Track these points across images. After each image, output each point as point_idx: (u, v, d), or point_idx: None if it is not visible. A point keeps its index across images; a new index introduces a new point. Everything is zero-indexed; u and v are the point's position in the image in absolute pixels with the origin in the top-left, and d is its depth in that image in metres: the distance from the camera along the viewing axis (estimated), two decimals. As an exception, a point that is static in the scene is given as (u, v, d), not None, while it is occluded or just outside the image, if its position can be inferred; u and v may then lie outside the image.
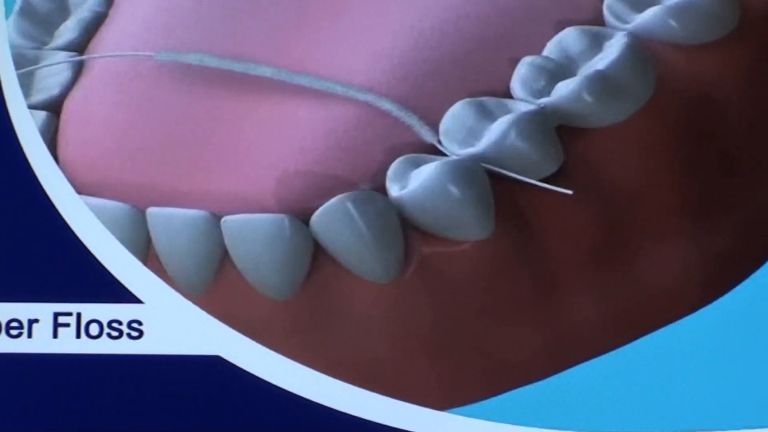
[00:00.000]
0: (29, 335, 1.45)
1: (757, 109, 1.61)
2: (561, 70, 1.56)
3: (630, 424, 1.42)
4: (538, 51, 1.57)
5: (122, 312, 1.45)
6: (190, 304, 1.45)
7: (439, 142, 1.53)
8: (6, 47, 1.47)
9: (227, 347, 1.42)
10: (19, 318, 1.46)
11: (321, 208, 1.44)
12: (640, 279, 1.45)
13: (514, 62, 1.57)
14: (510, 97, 1.55)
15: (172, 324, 1.46)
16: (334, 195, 1.46)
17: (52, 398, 1.45)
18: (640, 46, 1.58)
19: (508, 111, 1.54)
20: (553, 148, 1.53)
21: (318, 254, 1.48)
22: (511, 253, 1.46)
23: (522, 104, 1.53)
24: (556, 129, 1.52)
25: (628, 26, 1.55)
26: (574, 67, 1.57)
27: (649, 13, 1.58)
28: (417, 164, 1.49)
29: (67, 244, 1.47)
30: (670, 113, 1.56)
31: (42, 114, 1.59)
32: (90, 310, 1.46)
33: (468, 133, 1.53)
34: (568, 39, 1.58)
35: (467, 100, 1.54)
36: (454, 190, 1.45)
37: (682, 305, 1.49)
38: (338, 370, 1.50)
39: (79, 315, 1.46)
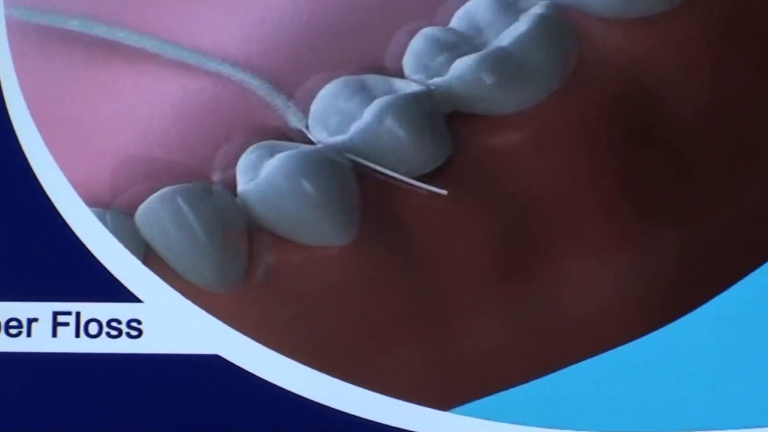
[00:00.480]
0: (28, 334, 1.43)
1: (708, 96, 1.39)
2: (467, 44, 1.37)
3: (627, 423, 1.28)
4: (444, 22, 1.40)
5: (121, 311, 1.43)
6: (189, 303, 1.42)
7: (307, 127, 1.32)
8: (5, 44, 1.39)
9: (226, 346, 1.39)
10: (19, 317, 1.44)
11: (145, 202, 1.24)
12: (557, 300, 1.18)
13: (413, 34, 1.35)
14: (402, 75, 1.36)
15: (171, 323, 1.44)
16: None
17: (51, 397, 1.44)
18: (557, 19, 1.30)
19: (392, 92, 1.31)
20: (438, 139, 1.28)
21: (149, 255, 1.34)
22: (380, 263, 1.22)
23: (412, 84, 1.32)
24: (449, 115, 1.31)
25: None
26: (483, 41, 1.35)
27: None
28: (272, 153, 1.27)
29: (66, 243, 1.45)
30: (594, 99, 1.31)
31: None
32: (89, 309, 1.44)
33: (342, 117, 1.32)
34: (479, 7, 1.32)
35: (345, 78, 1.32)
36: (306, 185, 1.24)
37: (616, 332, 1.22)
38: None
39: (78, 314, 1.44)
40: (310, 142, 1.28)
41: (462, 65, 1.30)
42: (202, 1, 1.37)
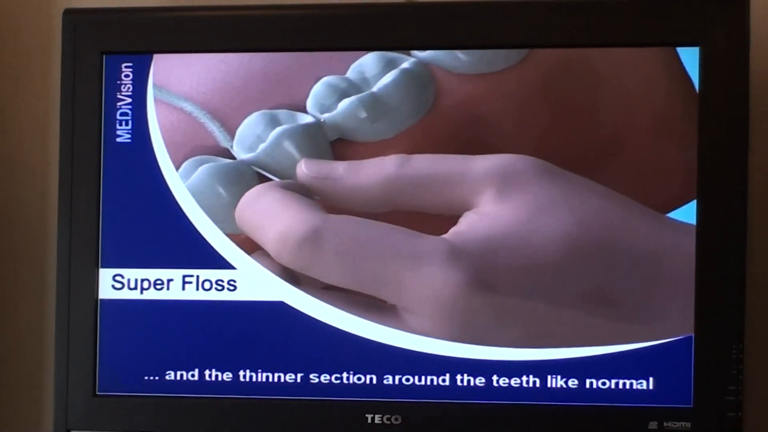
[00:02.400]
0: (168, 288, 2.24)
1: (527, 128, 2.16)
2: (354, 89, 2.11)
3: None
4: (344, 72, 2.16)
5: (224, 274, 2.23)
6: (263, 268, 2.23)
7: (231, 147, 2.19)
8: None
9: (288, 296, 2.19)
10: (162, 278, 2.25)
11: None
12: None
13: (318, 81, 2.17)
14: (305, 111, 2.15)
15: (253, 281, 2.22)
16: None
17: (181, 326, 2.25)
18: (418, 72, 2.11)
19: (293, 122, 2.15)
20: (322, 158, 2.15)
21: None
22: None
23: (308, 117, 2.12)
24: (336, 141, 2.13)
25: (422, 54, 2.11)
26: (367, 87, 2.11)
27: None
28: (203, 164, 2.21)
29: (192, 238, 2.26)
30: (446, 130, 2.09)
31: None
32: (204, 274, 2.24)
33: (257, 139, 2.18)
34: (368, 62, 2.11)
35: (262, 111, 2.15)
36: (222, 191, 2.20)
37: None
38: None
39: (198, 276, 2.25)
40: (233, 157, 2.17)
41: (345, 104, 2.11)
42: (186, 59, 2.30)
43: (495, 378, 2.28)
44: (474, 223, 2.33)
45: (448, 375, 2.29)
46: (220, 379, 2.32)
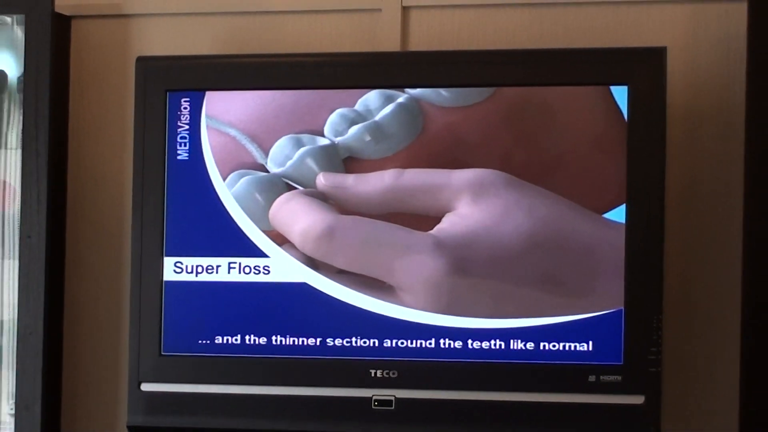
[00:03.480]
0: (216, 272, 2.48)
1: (494, 149, 2.42)
2: (361, 118, 2.46)
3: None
4: (353, 105, 2.49)
5: (259, 261, 2.46)
6: (290, 256, 2.46)
7: (266, 163, 2.49)
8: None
9: (309, 278, 2.43)
10: (212, 264, 2.49)
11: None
12: None
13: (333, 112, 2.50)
14: (323, 135, 2.48)
15: (282, 267, 2.45)
16: None
17: (228, 301, 2.49)
18: (410, 106, 2.46)
19: (315, 144, 2.49)
20: (336, 172, 2.47)
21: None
22: None
23: (325, 140, 2.47)
24: (347, 158, 2.45)
25: (413, 92, 2.44)
26: (371, 116, 2.47)
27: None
28: (244, 176, 2.49)
29: (235, 233, 2.48)
30: (430, 150, 2.43)
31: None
32: (245, 261, 2.47)
33: (285, 157, 2.48)
34: (371, 97, 2.47)
35: (290, 135, 2.48)
36: (259, 197, 2.46)
37: None
38: None
39: (240, 263, 2.48)
40: (267, 171, 2.45)
41: (354, 130, 2.45)
42: (232, 95, 2.54)
43: (470, 342, 2.50)
44: (454, 222, 2.54)
45: (433, 339, 2.51)
46: (256, 342, 2.55)
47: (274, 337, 2.60)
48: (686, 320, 2.63)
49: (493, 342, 2.56)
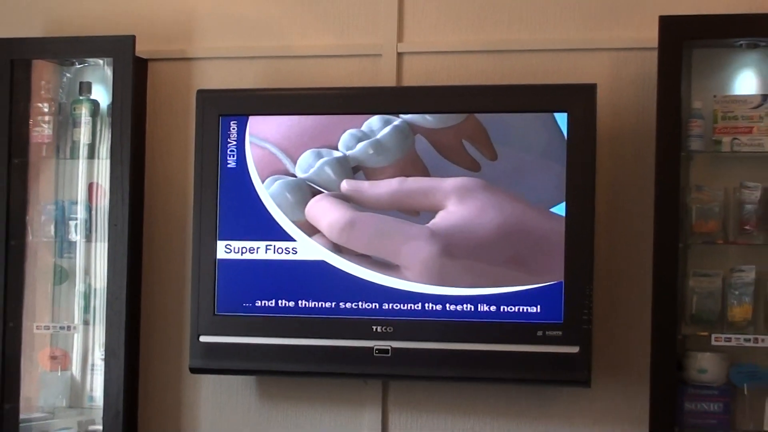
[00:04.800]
0: (256, 252, 2.71)
1: (469, 160, 2.65)
2: (366, 137, 2.71)
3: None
4: (360, 126, 2.72)
5: (289, 244, 2.69)
6: (311, 240, 2.67)
7: (294, 170, 2.74)
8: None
9: (326, 257, 2.66)
10: (253, 246, 2.72)
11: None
12: None
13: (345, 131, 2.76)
14: (337, 149, 2.72)
15: (306, 248, 2.67)
16: None
17: (264, 275, 2.71)
18: (404, 127, 2.70)
19: (331, 156, 2.73)
20: (349, 177, 2.72)
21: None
22: None
23: (338, 153, 2.71)
24: (356, 166, 2.69)
25: (405, 117, 2.69)
26: (373, 135, 2.72)
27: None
28: (278, 180, 2.73)
29: (271, 223, 2.70)
30: (418, 161, 2.68)
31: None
32: (278, 244, 2.70)
33: (309, 166, 2.71)
34: (374, 121, 2.72)
35: (312, 149, 2.73)
36: (289, 196, 2.69)
37: None
38: None
39: (274, 245, 2.70)
40: (294, 176, 2.68)
41: (360, 146, 2.70)
42: (269, 119, 2.77)
43: (448, 305, 2.72)
44: (444, 217, 2.79)
45: (420, 303, 2.73)
46: (286, 305, 2.78)
47: (299, 302, 2.83)
48: (610, 289, 2.80)
49: (466, 306, 2.76)
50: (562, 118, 2.69)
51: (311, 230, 2.79)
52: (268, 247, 2.80)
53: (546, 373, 2.69)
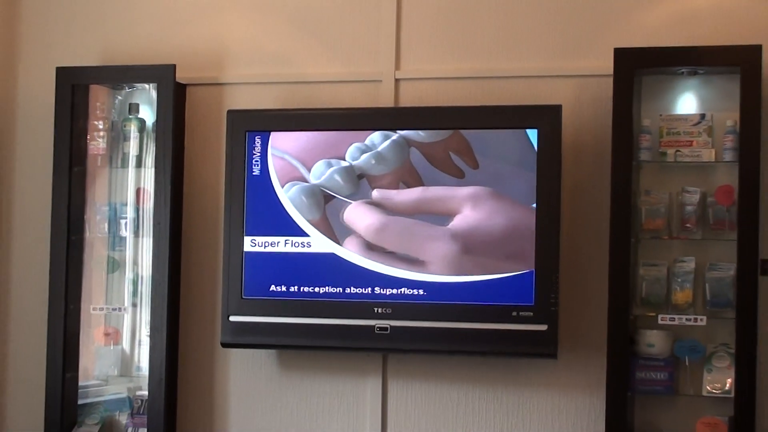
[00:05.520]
0: (277, 246, 2.85)
1: (456, 169, 2.76)
2: (368, 149, 2.80)
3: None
4: (364, 141, 2.81)
5: (304, 239, 2.82)
6: (323, 236, 2.80)
7: (309, 177, 2.82)
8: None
9: (336, 250, 2.79)
10: (274, 241, 2.85)
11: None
12: None
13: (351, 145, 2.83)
14: (344, 160, 2.81)
15: (318, 242, 2.81)
16: None
17: (283, 264, 2.84)
18: (399, 142, 2.79)
19: (339, 165, 2.80)
20: (354, 185, 2.80)
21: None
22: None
23: (346, 163, 2.80)
24: (360, 174, 2.78)
25: (402, 132, 2.77)
26: (375, 148, 2.81)
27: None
28: (295, 185, 2.82)
29: (289, 222, 2.84)
30: (412, 169, 2.78)
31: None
32: (294, 239, 2.83)
33: (321, 174, 2.80)
34: (375, 136, 2.82)
35: (324, 159, 2.82)
36: (304, 199, 2.79)
37: None
38: None
39: (291, 240, 2.83)
40: (308, 182, 2.79)
41: (364, 157, 2.80)
42: (287, 134, 2.87)
43: (439, 290, 2.80)
44: (461, 220, 2.88)
45: (414, 289, 2.84)
46: (302, 290, 2.89)
47: (312, 287, 2.92)
48: (574, 277, 2.89)
49: (454, 291, 2.82)
50: (533, 134, 2.78)
51: (324, 228, 2.88)
52: (287, 242, 2.91)
53: (520, 347, 2.79)
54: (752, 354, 2.65)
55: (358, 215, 2.83)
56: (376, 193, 2.82)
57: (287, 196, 2.87)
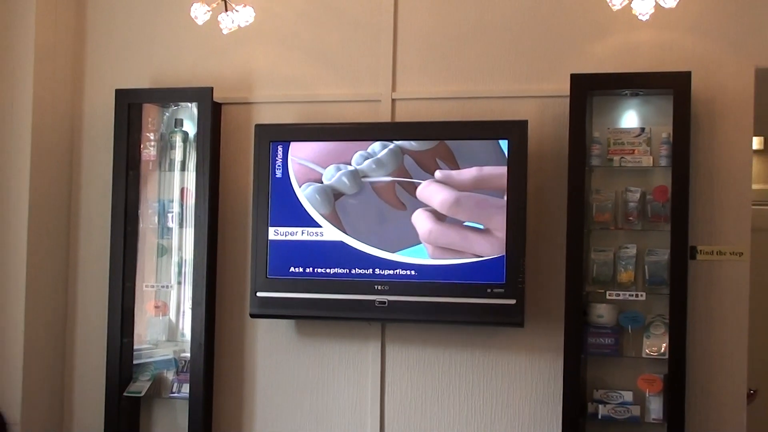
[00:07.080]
0: (295, 235, 2.93)
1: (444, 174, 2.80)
2: (370, 156, 2.86)
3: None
4: (366, 149, 2.86)
5: (317, 230, 2.92)
6: (333, 227, 2.89)
7: (322, 179, 2.89)
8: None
9: (343, 238, 2.89)
10: (293, 230, 2.94)
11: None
12: None
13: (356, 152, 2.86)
14: (350, 164, 2.87)
15: (329, 232, 2.90)
16: None
17: (301, 250, 2.93)
18: (395, 151, 2.85)
19: (346, 170, 2.87)
20: (359, 185, 2.87)
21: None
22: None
23: (351, 167, 2.86)
24: (363, 177, 2.84)
25: (397, 142, 2.83)
26: (375, 155, 2.87)
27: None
28: (311, 185, 2.96)
29: (305, 215, 2.92)
30: (405, 173, 2.84)
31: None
32: (310, 229, 2.91)
33: (332, 176, 2.86)
34: (376, 146, 2.87)
35: (334, 164, 2.89)
36: (318, 196, 2.87)
37: None
38: None
39: (307, 230, 2.93)
40: (322, 182, 2.86)
41: (366, 162, 2.88)
42: (304, 144, 2.92)
43: (426, 271, 2.88)
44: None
45: (407, 269, 2.92)
46: (315, 270, 2.97)
47: (324, 269, 3.00)
48: (537, 260, 2.96)
49: (439, 271, 2.93)
50: (504, 144, 2.89)
51: (334, 220, 2.95)
52: (303, 231, 3.00)
53: (493, 318, 2.88)
54: (682, 323, 2.78)
55: (432, 192, 2.85)
56: (438, 174, 2.86)
57: (304, 194, 2.96)
